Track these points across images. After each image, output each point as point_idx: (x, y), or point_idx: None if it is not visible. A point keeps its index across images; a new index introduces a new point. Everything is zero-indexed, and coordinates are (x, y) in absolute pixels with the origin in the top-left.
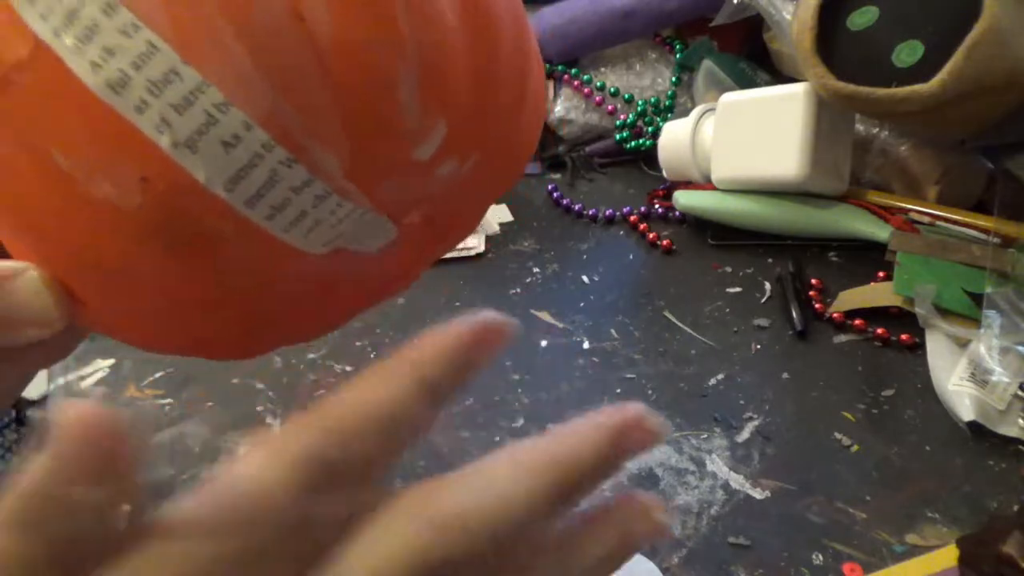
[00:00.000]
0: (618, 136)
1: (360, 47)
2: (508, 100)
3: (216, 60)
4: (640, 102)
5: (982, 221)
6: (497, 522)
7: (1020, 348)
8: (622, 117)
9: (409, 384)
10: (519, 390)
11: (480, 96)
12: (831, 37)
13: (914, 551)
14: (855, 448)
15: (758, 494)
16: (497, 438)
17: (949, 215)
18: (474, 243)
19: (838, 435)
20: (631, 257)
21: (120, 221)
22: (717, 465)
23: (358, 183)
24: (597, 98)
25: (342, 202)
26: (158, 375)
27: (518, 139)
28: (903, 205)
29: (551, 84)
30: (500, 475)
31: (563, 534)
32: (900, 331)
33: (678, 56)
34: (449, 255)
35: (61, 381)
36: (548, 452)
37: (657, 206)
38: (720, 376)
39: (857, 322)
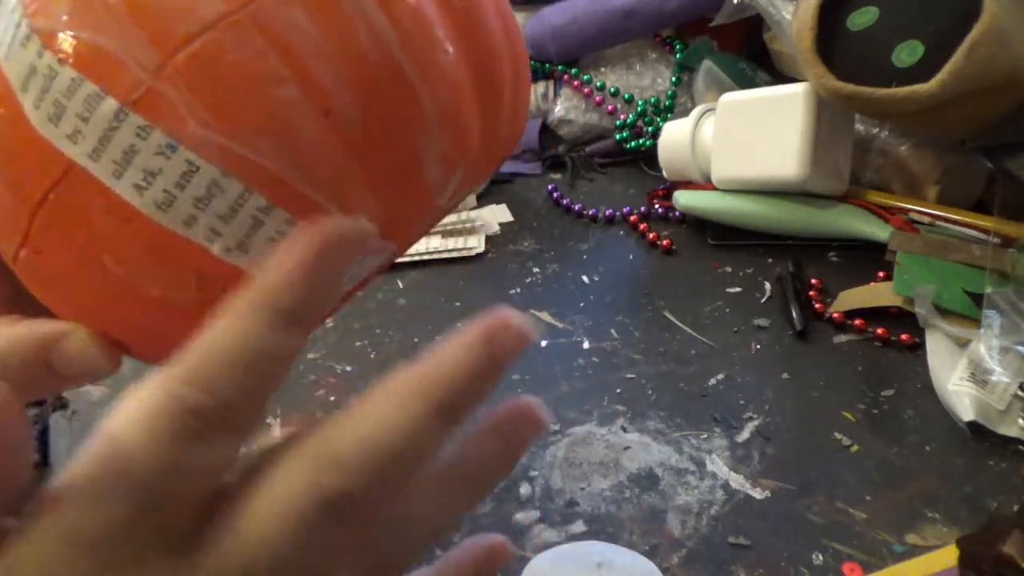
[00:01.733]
0: (618, 136)
1: (386, 131)
2: (507, 134)
3: (254, 169)
4: (640, 102)
5: (982, 221)
6: (383, 451)
7: (1020, 348)
8: (622, 117)
9: (260, 315)
10: (519, 390)
11: (487, 129)
12: (831, 37)
13: (914, 551)
14: (855, 448)
15: (758, 494)
16: None
17: (949, 215)
18: (474, 243)
19: (838, 435)
20: (631, 257)
21: (173, 309)
22: (717, 465)
23: (392, 238)
24: (597, 98)
25: (374, 258)
26: None
27: (514, 134)
28: (903, 205)
29: (551, 84)
30: (379, 407)
31: (452, 452)
32: (900, 331)
33: (678, 56)
34: (449, 255)
35: None
36: (421, 375)
37: (657, 206)
38: (720, 376)
39: (857, 322)
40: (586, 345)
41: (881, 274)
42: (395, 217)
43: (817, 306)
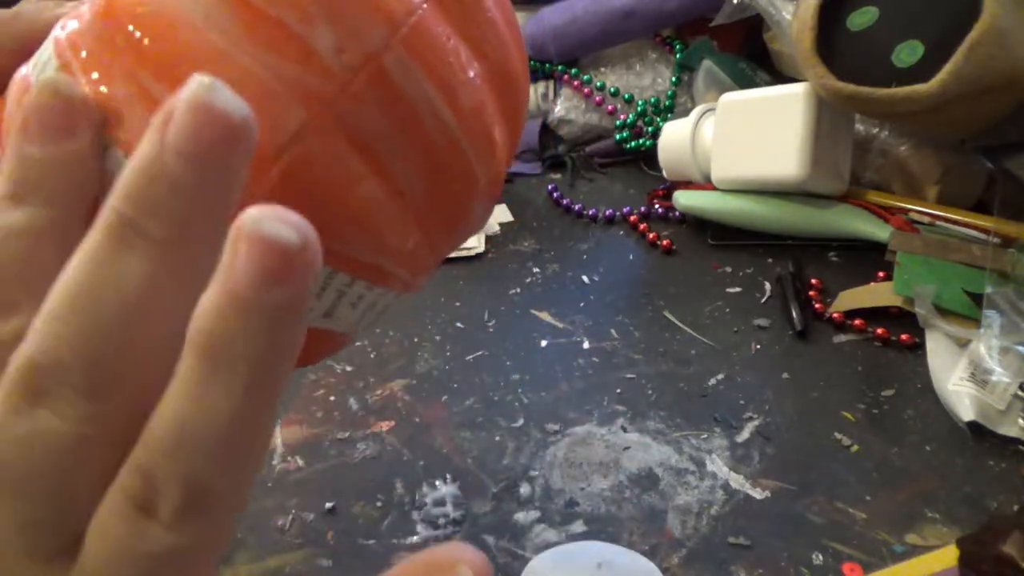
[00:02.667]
0: (618, 136)
1: (447, 201)
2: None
3: (340, 256)
4: (640, 102)
5: (982, 221)
6: (61, 297)
7: (1020, 348)
8: (622, 117)
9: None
10: (519, 390)
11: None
12: (831, 37)
13: (914, 551)
14: (855, 448)
15: (758, 494)
16: (497, 438)
17: (949, 215)
18: (474, 243)
19: (838, 435)
20: (631, 257)
21: None
22: (717, 465)
23: (423, 276)
24: (597, 98)
25: (402, 294)
26: None
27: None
28: (903, 205)
29: (551, 84)
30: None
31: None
32: (900, 331)
33: (678, 56)
34: (449, 255)
35: None
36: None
37: (657, 206)
38: (720, 376)
39: (857, 322)
40: (586, 345)
41: (881, 274)
42: (436, 260)
43: (817, 306)
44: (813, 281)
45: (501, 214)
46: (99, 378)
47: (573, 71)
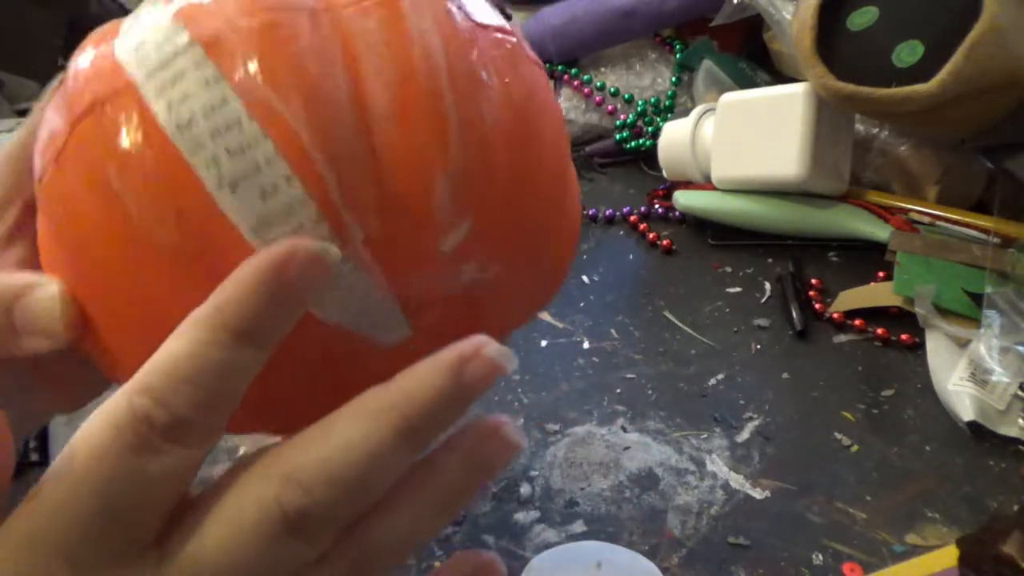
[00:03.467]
0: (618, 136)
1: (410, 152)
2: (540, 216)
3: (278, 125)
4: (640, 102)
5: (982, 221)
6: (345, 471)
7: (1020, 348)
8: (622, 117)
9: (212, 332)
10: (519, 390)
11: (512, 207)
12: (831, 37)
13: (914, 551)
14: (855, 448)
15: (758, 494)
16: None
17: (949, 215)
18: None
19: (838, 435)
20: (631, 257)
21: (153, 253)
22: (717, 465)
23: (378, 259)
24: (597, 98)
25: (359, 274)
26: None
27: (548, 259)
28: (903, 205)
29: (551, 84)
30: (344, 426)
31: (413, 470)
32: (900, 331)
33: (678, 56)
34: None
35: None
36: (388, 396)
37: (657, 206)
38: (720, 376)
39: (857, 322)
40: (586, 345)
41: (881, 274)
42: (389, 227)
43: (817, 306)
44: (813, 281)
45: None
46: (347, 523)
47: (573, 71)
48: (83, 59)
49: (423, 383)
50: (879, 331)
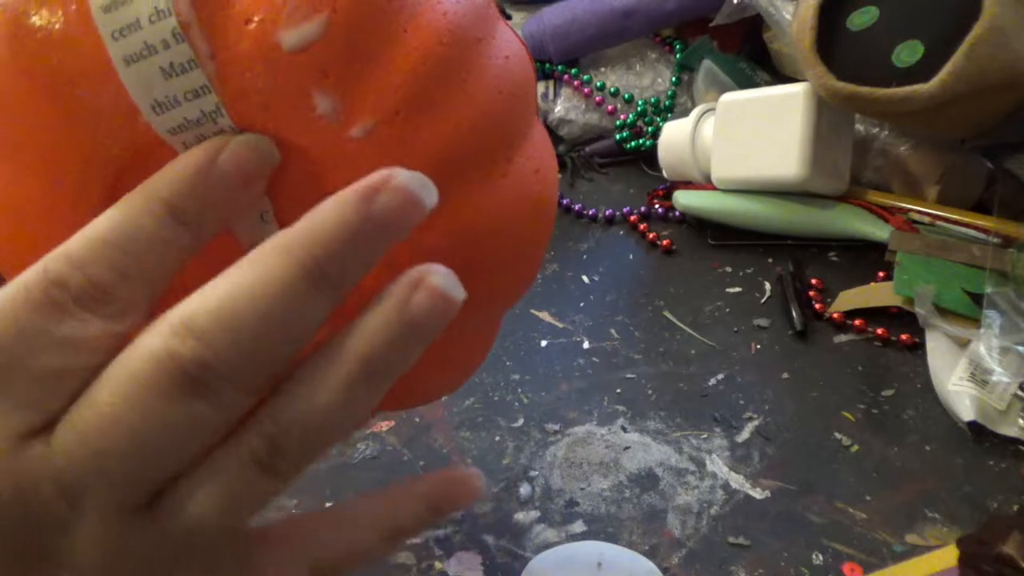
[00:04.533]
0: (618, 136)
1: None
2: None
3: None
4: (640, 102)
5: (982, 221)
6: (243, 315)
7: (1020, 348)
8: (622, 117)
9: (144, 202)
10: (519, 390)
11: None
12: (831, 37)
13: (914, 551)
14: (855, 448)
15: (758, 494)
16: (497, 438)
17: (949, 215)
18: None
19: (838, 435)
20: (631, 257)
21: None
22: (717, 465)
23: (208, 36)
24: (597, 98)
25: (204, 80)
26: None
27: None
28: (903, 205)
29: (551, 84)
30: (241, 270)
31: (332, 334)
32: (900, 331)
33: (678, 56)
34: None
35: None
36: (291, 234)
37: (657, 206)
38: (720, 376)
39: (857, 322)
40: (586, 345)
41: (881, 274)
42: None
43: (817, 306)
44: (813, 281)
45: None
46: (258, 384)
47: (573, 71)
48: None
49: (328, 218)
50: (879, 331)
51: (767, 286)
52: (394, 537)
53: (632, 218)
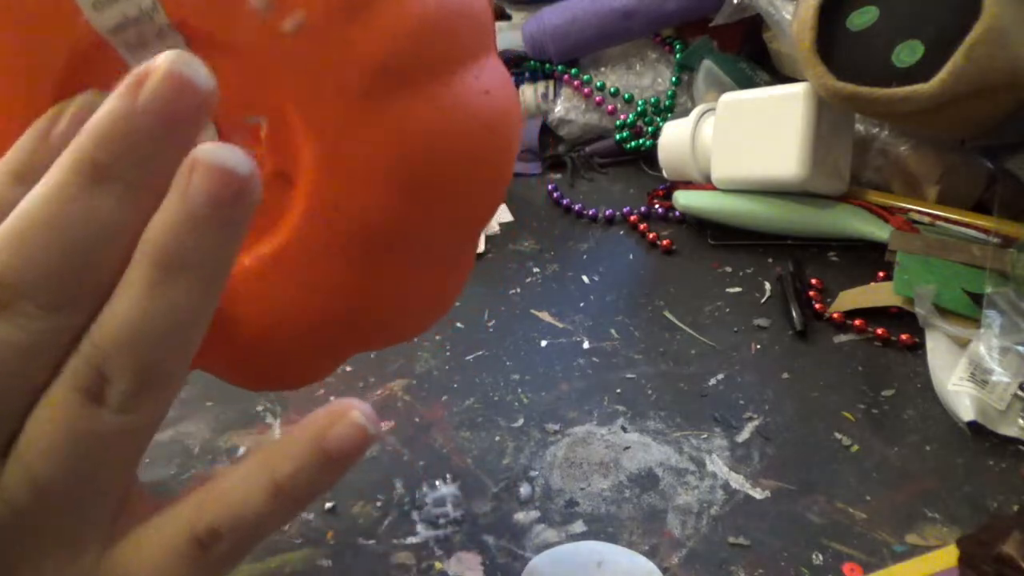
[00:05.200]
0: (618, 136)
1: None
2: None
3: None
4: (640, 102)
5: (982, 221)
6: (21, 223)
7: (1020, 348)
8: (622, 117)
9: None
10: (519, 390)
11: None
12: (831, 37)
13: (914, 551)
14: (855, 448)
15: (758, 494)
16: (497, 438)
17: (949, 215)
18: None
19: (838, 435)
20: (631, 257)
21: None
22: (717, 465)
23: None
24: (597, 98)
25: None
26: None
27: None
28: (903, 205)
29: (551, 84)
30: (35, 186)
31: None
32: (900, 331)
33: (678, 56)
34: None
35: None
36: (73, 141)
37: (657, 206)
38: (720, 376)
39: (857, 322)
40: (586, 345)
41: (881, 274)
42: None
43: (817, 306)
44: (813, 281)
45: (501, 214)
46: (59, 296)
47: (573, 71)
48: None
49: (99, 115)
50: (879, 331)
51: (767, 286)
52: (277, 494)
53: (632, 218)
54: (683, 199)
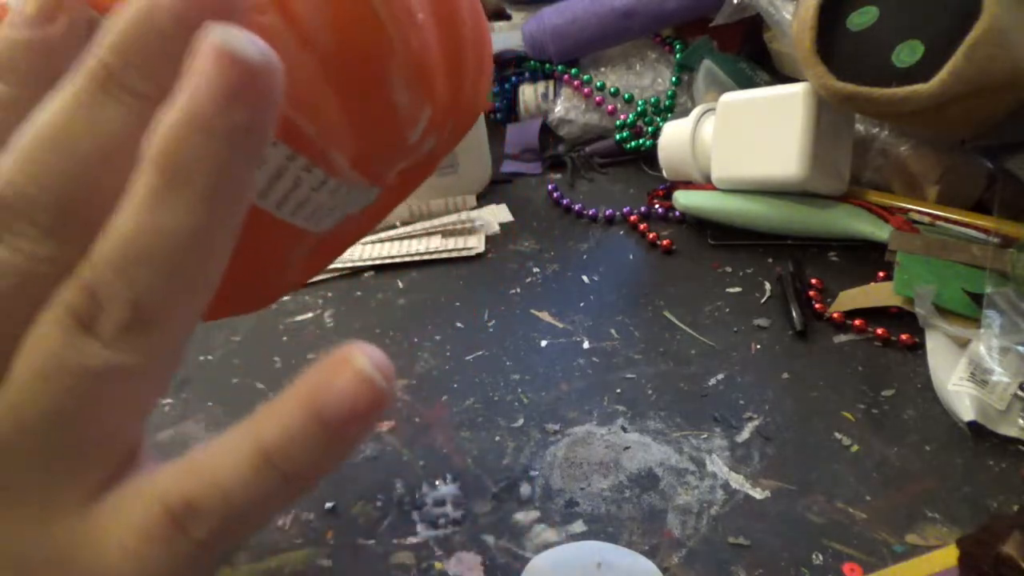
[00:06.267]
0: (618, 136)
1: (358, 56)
2: (472, 77)
3: None
4: (640, 102)
5: (982, 221)
6: (38, 138)
7: (1020, 348)
8: (622, 117)
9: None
10: (519, 390)
11: (452, 80)
12: (831, 37)
13: (914, 551)
14: (855, 448)
15: (758, 494)
16: (497, 438)
17: (949, 215)
18: (474, 243)
19: (838, 435)
20: (631, 257)
21: None
22: (717, 465)
23: (361, 171)
24: (597, 98)
25: (350, 190)
26: None
27: (477, 104)
28: (903, 205)
29: (551, 84)
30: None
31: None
32: (900, 331)
33: (678, 56)
34: (449, 255)
35: None
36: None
37: (657, 206)
38: (720, 376)
39: (857, 322)
40: (586, 345)
41: (881, 274)
42: (368, 145)
43: (817, 306)
44: (813, 281)
45: (501, 214)
46: (63, 218)
47: (573, 71)
48: None
49: (113, 23)
50: (879, 331)
51: (767, 286)
52: (265, 464)
53: (632, 218)
54: (683, 199)
